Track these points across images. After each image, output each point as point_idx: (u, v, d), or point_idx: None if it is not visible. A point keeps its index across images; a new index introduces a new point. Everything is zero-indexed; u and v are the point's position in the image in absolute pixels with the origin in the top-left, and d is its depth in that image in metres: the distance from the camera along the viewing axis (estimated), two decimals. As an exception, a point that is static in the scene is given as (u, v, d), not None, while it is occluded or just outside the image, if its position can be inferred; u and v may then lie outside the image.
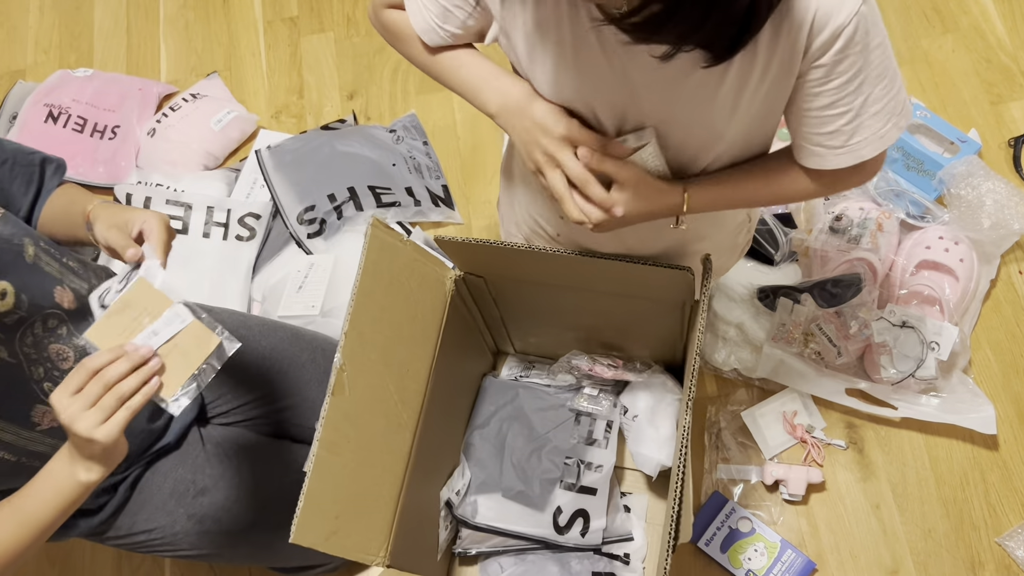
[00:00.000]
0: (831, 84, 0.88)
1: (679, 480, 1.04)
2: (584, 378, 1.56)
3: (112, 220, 1.06)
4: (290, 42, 2.18)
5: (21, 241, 1.05)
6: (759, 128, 1.00)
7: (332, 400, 1.07)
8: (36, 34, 2.29)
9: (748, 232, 1.32)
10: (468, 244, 1.19)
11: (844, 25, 0.83)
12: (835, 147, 0.94)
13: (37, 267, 1.07)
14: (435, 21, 1.02)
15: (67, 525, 1.24)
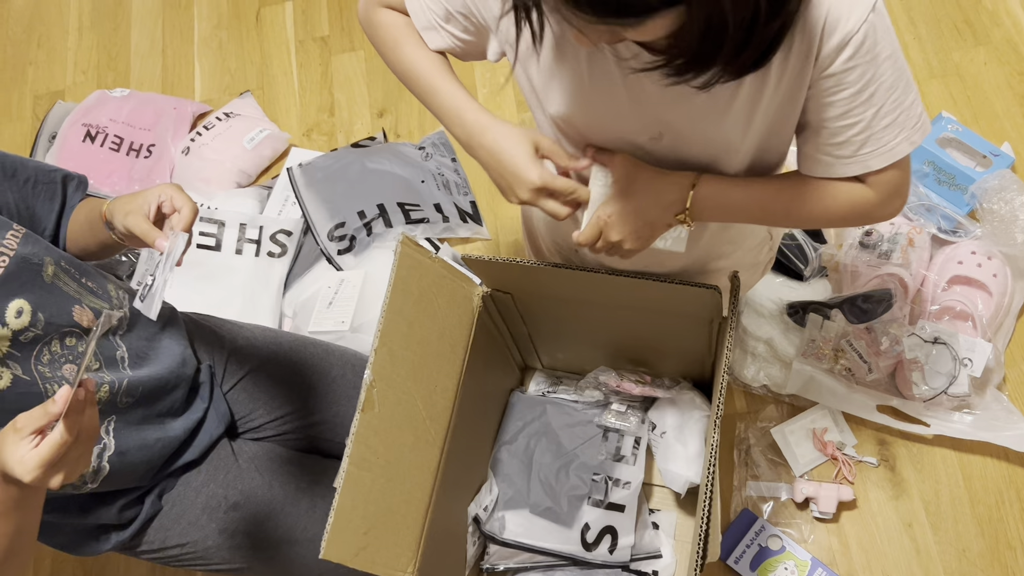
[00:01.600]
0: (842, 94, 0.88)
1: (707, 497, 1.03)
2: (612, 394, 1.56)
3: (127, 207, 1.07)
4: (321, 61, 2.21)
5: (41, 260, 1.07)
6: (773, 140, 1.00)
7: (362, 416, 1.09)
8: (75, 55, 2.35)
9: (771, 250, 1.32)
10: (494, 263, 1.21)
11: (853, 32, 0.83)
12: (843, 156, 0.94)
13: (55, 286, 1.09)
14: (438, 20, 1.03)
15: (100, 539, 1.26)
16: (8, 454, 0.84)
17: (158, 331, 1.27)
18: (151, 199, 1.05)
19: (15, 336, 1.03)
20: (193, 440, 1.30)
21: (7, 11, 2.44)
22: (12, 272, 1.03)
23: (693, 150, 1.00)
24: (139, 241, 1.07)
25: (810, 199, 1.00)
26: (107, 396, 1.14)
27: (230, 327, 1.44)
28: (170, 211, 1.05)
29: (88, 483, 1.14)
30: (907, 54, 1.95)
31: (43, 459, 0.83)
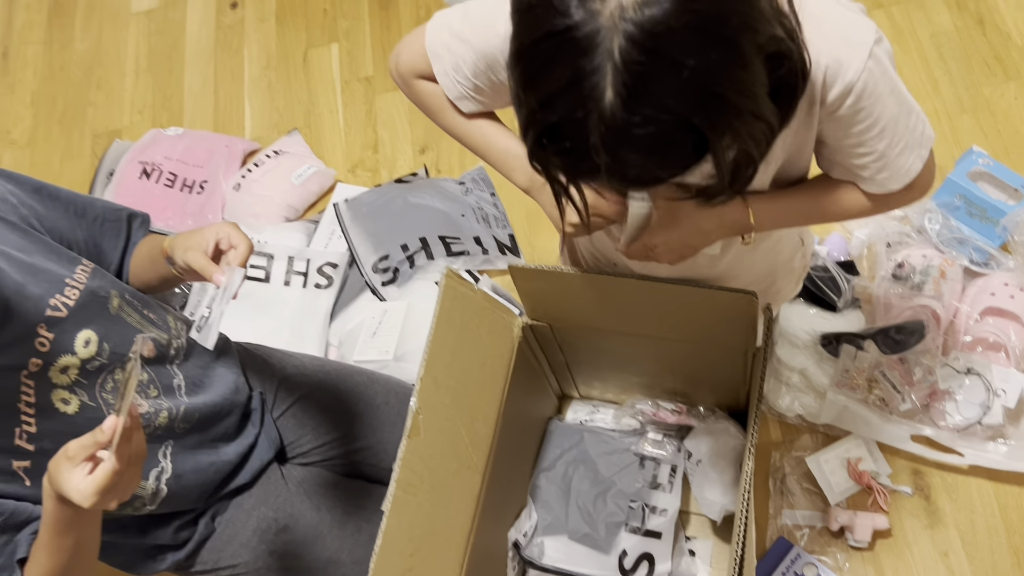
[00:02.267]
0: (853, 131, 0.93)
1: (742, 525, 1.07)
2: (648, 423, 1.59)
3: (187, 243, 1.12)
4: (365, 100, 2.29)
5: (107, 293, 1.13)
6: (792, 166, 1.04)
7: (408, 442, 1.13)
8: (131, 96, 2.45)
9: (803, 257, 1.35)
10: (539, 272, 1.23)
11: (854, 82, 0.87)
12: (864, 178, 1.00)
13: (120, 317, 1.14)
14: (469, 91, 1.08)
15: (156, 559, 1.31)
16: (63, 481, 0.89)
17: (212, 360, 1.33)
18: (209, 236, 1.10)
19: (83, 364, 1.09)
20: (245, 464, 1.35)
21: (69, 56, 2.56)
22: (82, 304, 1.09)
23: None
24: (197, 275, 1.11)
25: (844, 198, 1.04)
26: (165, 422, 1.20)
27: (280, 356, 1.49)
28: (227, 247, 1.10)
29: (147, 505, 1.20)
30: (937, 89, 1.98)
31: (98, 487, 0.88)
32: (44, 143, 2.41)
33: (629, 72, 0.68)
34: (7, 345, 1.02)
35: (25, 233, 1.08)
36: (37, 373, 1.05)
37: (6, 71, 2.56)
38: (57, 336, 1.06)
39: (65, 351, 1.07)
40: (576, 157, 0.75)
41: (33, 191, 1.14)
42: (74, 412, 1.09)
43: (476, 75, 1.06)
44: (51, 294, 1.06)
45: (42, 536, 0.97)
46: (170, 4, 2.58)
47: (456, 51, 1.06)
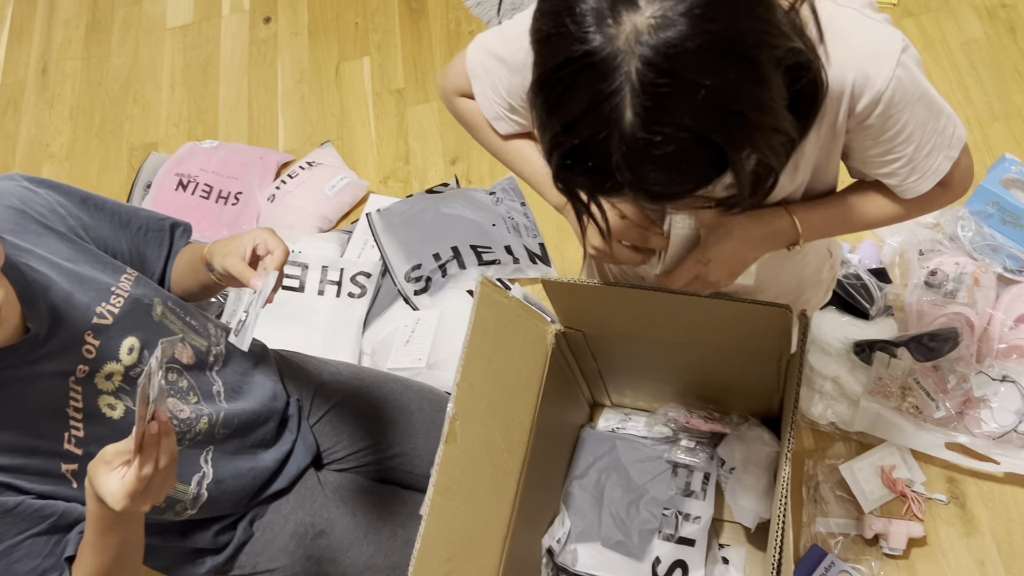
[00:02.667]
0: (881, 138, 0.94)
1: (780, 530, 1.07)
2: (681, 430, 1.59)
3: (225, 250, 1.14)
4: (397, 112, 2.32)
5: (151, 301, 1.16)
6: (820, 177, 1.05)
7: (445, 447, 1.14)
8: (167, 109, 2.49)
9: (832, 268, 1.36)
10: (571, 285, 1.25)
11: (882, 91, 0.88)
12: (893, 184, 1.00)
13: (163, 325, 1.17)
14: (504, 111, 1.11)
15: (196, 563, 1.33)
16: (100, 484, 0.91)
17: (251, 367, 1.35)
18: (247, 242, 1.12)
19: (127, 371, 1.12)
20: (282, 470, 1.37)
21: (106, 70, 2.61)
22: (126, 312, 1.12)
23: None
24: (235, 281, 1.13)
25: (881, 200, 1.05)
26: (206, 427, 1.22)
27: (316, 363, 1.51)
28: (264, 253, 1.12)
29: (188, 509, 1.22)
30: (968, 98, 1.98)
31: (128, 491, 0.90)
32: (82, 156, 2.46)
33: (647, 93, 0.69)
34: (56, 352, 1.04)
35: (73, 243, 1.11)
36: (84, 379, 1.07)
37: (45, 86, 2.61)
38: (103, 343, 1.09)
39: (110, 358, 1.10)
40: (600, 176, 0.76)
41: (80, 202, 1.17)
42: (119, 417, 1.12)
43: (511, 94, 1.08)
44: (98, 302, 1.09)
45: (87, 536, 1.00)
46: (205, 19, 2.63)
47: (492, 71, 1.09)
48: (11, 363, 1.00)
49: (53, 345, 1.04)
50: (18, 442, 1.02)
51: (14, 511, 1.02)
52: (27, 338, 1.01)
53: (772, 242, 1.05)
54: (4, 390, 1.01)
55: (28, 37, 2.72)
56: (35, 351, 1.02)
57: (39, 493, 1.04)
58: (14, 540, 1.02)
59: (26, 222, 1.08)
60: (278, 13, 2.58)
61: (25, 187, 1.11)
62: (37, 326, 1.02)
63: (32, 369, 1.02)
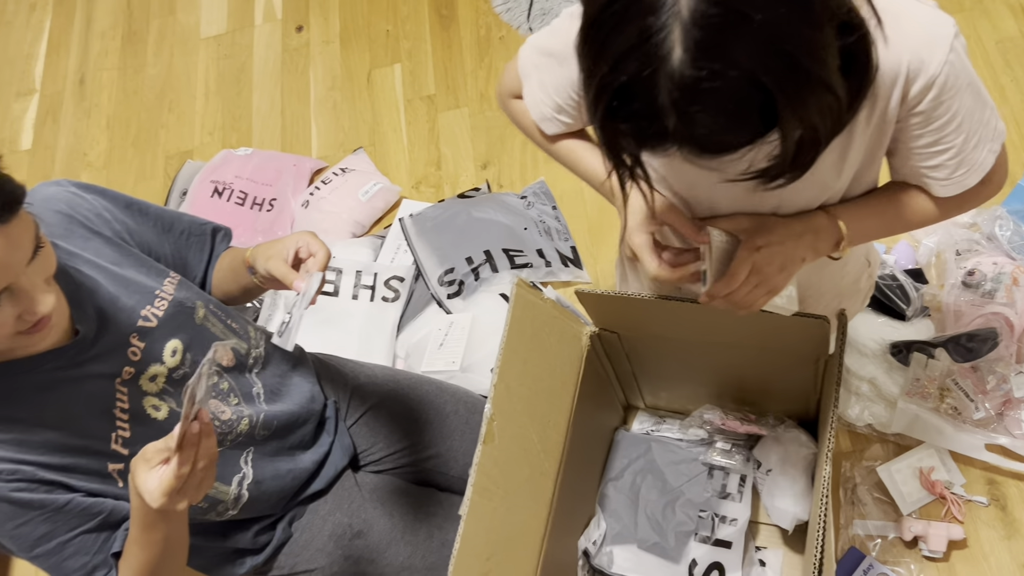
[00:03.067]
0: (931, 127, 0.93)
1: (820, 528, 1.06)
2: (716, 432, 1.59)
3: (269, 252, 1.16)
4: (428, 118, 2.34)
5: (193, 304, 1.18)
6: (864, 173, 1.04)
7: (483, 448, 1.14)
8: (202, 118, 2.53)
9: (870, 277, 1.35)
10: (606, 297, 1.26)
11: (936, 75, 0.87)
12: (940, 179, 0.99)
13: (204, 327, 1.19)
14: (551, 112, 1.12)
15: (236, 563, 1.34)
16: (139, 481, 0.93)
17: (289, 369, 1.37)
18: (290, 245, 1.14)
19: (170, 373, 1.14)
20: (320, 472, 1.38)
21: (141, 81, 2.65)
22: (170, 315, 1.14)
23: (787, 196, 1.04)
24: (278, 283, 1.15)
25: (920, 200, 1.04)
26: (246, 428, 1.24)
27: (352, 366, 1.53)
28: (306, 255, 1.14)
29: (229, 510, 1.24)
30: (1004, 96, 1.96)
31: (164, 489, 0.92)
32: (119, 165, 2.51)
33: (697, 26, 0.68)
34: (103, 354, 1.07)
35: (118, 247, 1.14)
36: (129, 380, 1.09)
37: (83, 97, 2.66)
38: (148, 345, 1.11)
39: (155, 360, 1.12)
40: (645, 120, 0.74)
41: (125, 207, 1.19)
42: (164, 418, 1.13)
43: (558, 91, 1.09)
44: (143, 305, 1.11)
45: (132, 532, 1.02)
46: (238, 28, 2.67)
47: (541, 67, 1.09)
48: (60, 365, 1.03)
49: (100, 347, 1.06)
50: (67, 442, 1.04)
51: (64, 508, 1.03)
52: (76, 340, 1.03)
53: (814, 239, 1.03)
54: (54, 391, 1.03)
55: (66, 49, 2.78)
56: (83, 353, 1.04)
57: (88, 491, 1.06)
58: (65, 537, 1.04)
59: (74, 227, 1.10)
60: (310, 22, 2.61)
61: (72, 192, 1.13)
62: (85, 328, 1.04)
63: (80, 371, 1.05)
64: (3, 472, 0.99)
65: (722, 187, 1.02)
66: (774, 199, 1.05)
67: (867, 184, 1.07)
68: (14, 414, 1.01)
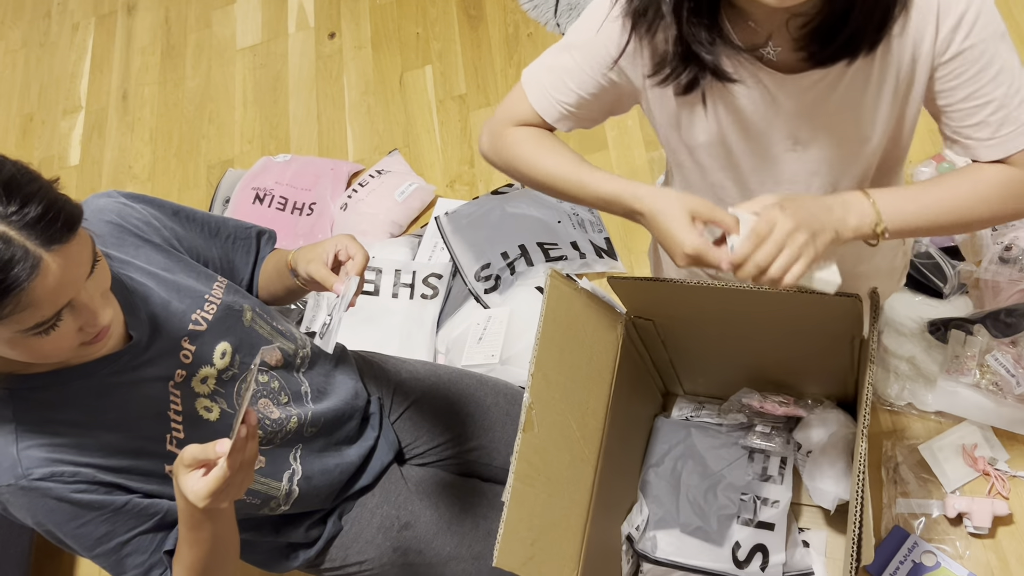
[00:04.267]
0: (967, 74, 0.93)
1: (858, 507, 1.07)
2: (755, 416, 1.59)
3: (309, 256, 1.18)
4: (460, 117, 2.37)
5: (241, 307, 1.21)
6: (901, 127, 1.04)
7: (523, 436, 1.16)
8: (241, 127, 2.59)
9: (905, 255, 1.35)
10: (639, 283, 1.27)
11: (966, 10, 0.89)
12: (983, 139, 0.96)
13: (252, 330, 1.22)
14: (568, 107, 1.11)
15: (290, 557, 1.37)
16: (181, 483, 0.96)
17: (333, 368, 1.40)
18: (329, 248, 1.17)
19: (219, 375, 1.17)
20: (367, 466, 1.41)
21: (181, 94, 2.72)
22: (219, 318, 1.17)
23: (826, 152, 1.05)
24: (319, 285, 1.18)
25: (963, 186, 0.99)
26: (295, 427, 1.27)
27: (394, 362, 1.55)
28: (345, 258, 1.16)
29: (282, 506, 1.27)
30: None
31: (210, 490, 0.94)
32: (163, 176, 2.58)
33: None
34: (156, 357, 1.10)
35: (168, 253, 1.18)
36: (182, 383, 1.13)
37: (126, 111, 2.74)
38: (198, 348, 1.15)
39: (205, 362, 1.15)
40: None
41: (173, 214, 1.23)
42: (216, 419, 1.17)
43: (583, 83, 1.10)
44: (193, 309, 1.15)
45: (180, 531, 1.05)
46: (272, 38, 2.73)
47: (557, 68, 1.10)
48: (116, 369, 1.07)
49: (154, 351, 1.10)
50: (125, 444, 1.08)
51: (123, 509, 1.07)
52: (130, 345, 1.07)
53: (844, 212, 0.99)
54: (110, 395, 1.07)
55: (108, 66, 2.86)
56: (137, 357, 1.08)
57: (145, 492, 1.10)
58: (124, 537, 1.07)
59: (125, 235, 1.14)
60: (342, 28, 2.66)
61: (122, 203, 1.17)
62: (139, 334, 1.08)
63: (135, 375, 1.08)
64: (64, 474, 1.02)
65: (772, 147, 1.03)
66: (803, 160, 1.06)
67: (899, 150, 1.07)
68: (73, 418, 1.04)
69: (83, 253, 0.93)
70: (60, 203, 0.89)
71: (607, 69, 1.07)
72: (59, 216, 0.88)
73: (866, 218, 0.99)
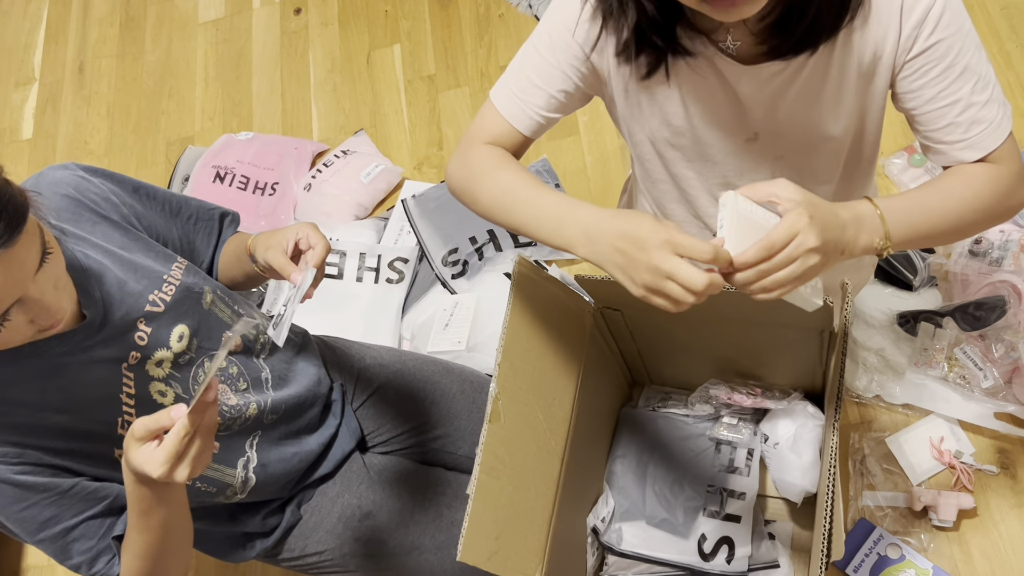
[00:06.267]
0: (932, 72, 0.92)
1: (829, 497, 1.06)
2: (723, 407, 1.58)
3: (268, 243, 1.15)
4: (429, 98, 2.33)
5: (201, 289, 1.18)
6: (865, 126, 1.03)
7: (489, 427, 1.14)
8: (202, 103, 2.52)
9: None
10: (607, 282, 1.25)
11: (931, 5, 0.88)
12: (955, 142, 0.95)
13: (212, 313, 1.19)
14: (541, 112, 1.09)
15: (246, 546, 1.35)
16: (134, 456, 0.91)
17: (294, 354, 1.37)
18: (290, 236, 1.14)
19: (176, 359, 1.14)
20: (327, 454, 1.38)
21: (140, 68, 2.64)
22: (178, 300, 1.13)
23: (788, 144, 1.04)
24: (277, 274, 1.15)
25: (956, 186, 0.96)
26: (255, 414, 1.24)
27: (358, 348, 1.52)
28: (306, 247, 1.13)
29: (237, 494, 1.24)
30: (1010, 62, 1.94)
31: (168, 454, 0.90)
32: (120, 152, 2.50)
33: None
34: (110, 339, 1.06)
35: (126, 231, 1.13)
36: (136, 366, 1.09)
37: (82, 84, 2.66)
38: (154, 331, 1.11)
39: (161, 345, 1.11)
40: None
41: (133, 191, 1.19)
42: (170, 403, 1.13)
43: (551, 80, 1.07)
44: (150, 290, 1.11)
45: (129, 517, 1.01)
46: (236, 13, 2.66)
47: (523, 72, 1.08)
48: (67, 349, 1.02)
49: (107, 332, 1.06)
50: (73, 426, 1.04)
51: (70, 492, 1.03)
52: (83, 325, 1.03)
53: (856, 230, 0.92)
54: (60, 375, 1.03)
55: (64, 37, 2.77)
56: (90, 338, 1.04)
57: (93, 476, 1.06)
58: (71, 522, 1.04)
59: (81, 210, 1.09)
60: (308, 4, 2.60)
61: (80, 176, 1.12)
62: (92, 313, 1.03)
63: (87, 355, 1.04)
64: (8, 455, 0.99)
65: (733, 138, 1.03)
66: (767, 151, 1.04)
67: (867, 149, 1.06)
68: (20, 397, 1.01)
69: (30, 252, 0.89)
70: (3, 202, 0.84)
71: (579, 63, 1.05)
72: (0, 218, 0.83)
73: (875, 236, 0.93)
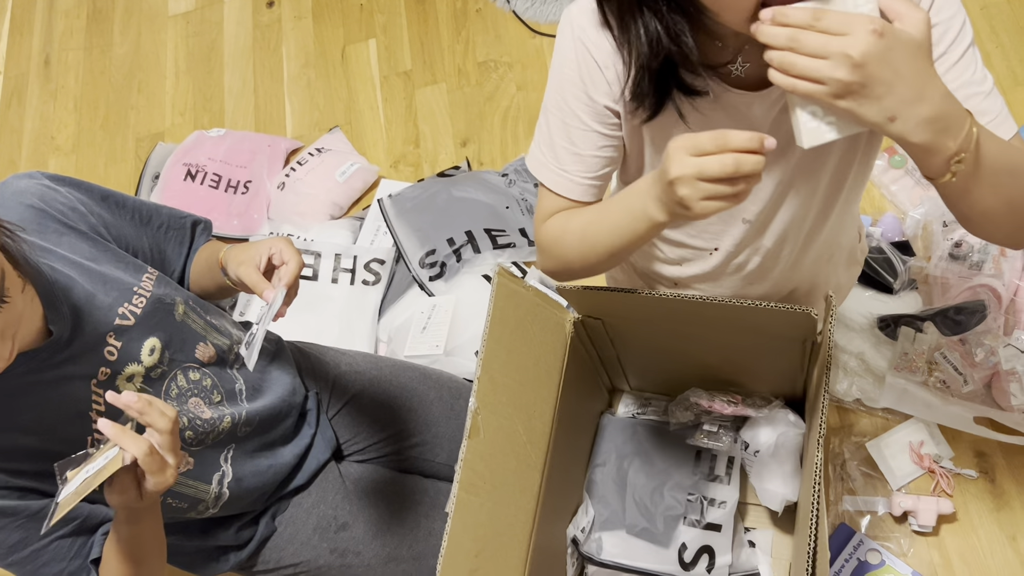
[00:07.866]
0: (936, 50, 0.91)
1: (814, 518, 1.05)
2: (703, 414, 1.57)
3: (240, 258, 1.13)
4: (405, 95, 2.29)
5: (173, 300, 1.15)
6: None
7: (469, 443, 1.12)
8: (172, 99, 2.47)
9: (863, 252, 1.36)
10: (588, 292, 1.23)
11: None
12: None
13: (185, 324, 1.16)
14: (591, 179, 1.07)
15: (220, 560, 1.33)
16: None
17: (268, 363, 1.35)
18: (263, 251, 1.11)
19: (147, 373, 1.11)
20: (302, 465, 1.36)
21: (109, 61, 2.58)
22: (148, 312, 1.10)
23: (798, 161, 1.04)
24: (249, 289, 1.13)
25: None
26: (228, 426, 1.21)
27: (333, 354, 1.50)
28: (279, 263, 1.11)
29: (209, 508, 1.22)
30: (990, 63, 1.93)
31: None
32: (88, 148, 2.45)
33: None
34: (78, 355, 1.03)
35: (95, 242, 1.10)
36: (106, 381, 1.06)
37: (48, 78, 2.59)
38: (125, 344, 1.08)
39: (132, 359, 1.09)
40: None
41: (101, 199, 1.15)
42: None
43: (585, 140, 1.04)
44: (120, 303, 1.08)
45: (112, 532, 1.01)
46: (207, 5, 2.60)
47: (555, 143, 1.06)
48: (34, 367, 0.99)
49: (75, 348, 1.03)
50: (42, 446, 1.02)
51: (38, 515, 1.01)
52: (49, 342, 1.00)
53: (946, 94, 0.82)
54: (27, 395, 1.00)
55: (29, 28, 2.70)
56: (57, 355, 1.01)
57: None
58: (40, 544, 1.02)
59: (47, 221, 1.06)
60: (281, -4, 2.55)
61: (46, 185, 1.09)
62: (59, 329, 1.00)
63: (55, 373, 1.01)
64: None
65: None
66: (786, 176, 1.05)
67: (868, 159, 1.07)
68: None
69: None
70: None
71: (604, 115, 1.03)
72: None
73: (959, 129, 0.82)
